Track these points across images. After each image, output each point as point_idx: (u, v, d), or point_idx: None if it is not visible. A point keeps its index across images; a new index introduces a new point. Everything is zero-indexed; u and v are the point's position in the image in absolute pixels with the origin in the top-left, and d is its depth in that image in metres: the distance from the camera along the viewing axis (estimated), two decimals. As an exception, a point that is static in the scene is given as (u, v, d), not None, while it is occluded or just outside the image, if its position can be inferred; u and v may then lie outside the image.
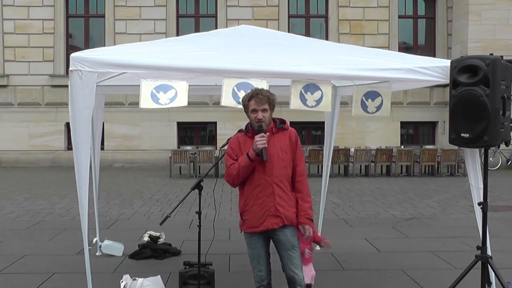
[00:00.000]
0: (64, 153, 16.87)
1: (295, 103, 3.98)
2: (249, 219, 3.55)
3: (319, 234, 4.61)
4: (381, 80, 4.30)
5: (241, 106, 3.65)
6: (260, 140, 3.42)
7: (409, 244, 6.60)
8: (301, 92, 3.95)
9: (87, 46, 16.97)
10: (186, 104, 3.63)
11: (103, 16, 17.23)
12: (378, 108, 4.17)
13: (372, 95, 4.18)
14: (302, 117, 16.73)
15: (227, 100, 3.67)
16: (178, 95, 3.61)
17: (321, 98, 3.83)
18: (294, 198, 3.59)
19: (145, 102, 3.58)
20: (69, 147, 16.56)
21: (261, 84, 3.72)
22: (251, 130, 3.58)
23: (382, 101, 4.17)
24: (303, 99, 3.98)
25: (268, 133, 3.50)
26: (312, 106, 3.75)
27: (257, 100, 3.47)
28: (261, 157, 3.45)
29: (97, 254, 5.93)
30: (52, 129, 17.02)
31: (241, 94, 3.67)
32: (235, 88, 3.67)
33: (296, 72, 3.79)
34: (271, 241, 3.65)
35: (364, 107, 4.17)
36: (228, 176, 3.57)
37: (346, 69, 3.84)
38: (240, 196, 3.64)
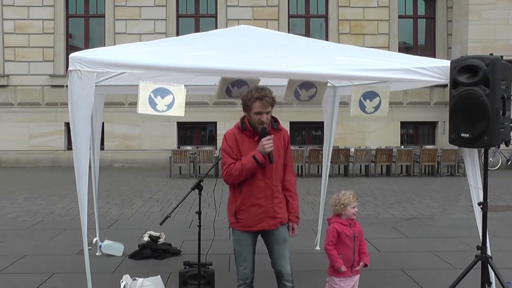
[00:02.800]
0: (64, 153, 16.87)
1: (288, 97, 4.07)
2: (244, 218, 3.54)
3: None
4: (380, 80, 4.30)
5: (234, 101, 3.69)
6: (268, 144, 3.42)
7: (409, 244, 6.60)
8: (296, 89, 4.03)
9: (87, 46, 16.97)
10: (183, 114, 3.58)
11: (103, 16, 17.23)
12: (376, 108, 4.20)
13: (370, 95, 4.19)
14: (302, 117, 16.84)
15: (221, 94, 3.69)
16: (176, 102, 3.60)
17: (315, 93, 3.89)
18: (284, 197, 3.65)
19: (143, 107, 3.58)
20: (69, 147, 16.56)
21: (256, 81, 3.74)
22: (249, 129, 3.54)
23: (380, 101, 4.19)
24: (297, 94, 4.09)
25: (273, 135, 3.49)
26: (304, 100, 3.81)
27: (264, 103, 3.43)
28: (268, 160, 3.46)
29: (97, 254, 5.92)
30: (52, 129, 17.02)
31: (235, 90, 3.69)
32: (230, 86, 3.69)
33: (295, 72, 3.79)
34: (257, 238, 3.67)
35: (362, 107, 4.19)
36: (227, 175, 3.50)
37: (344, 70, 3.85)
38: (234, 194, 3.60)
